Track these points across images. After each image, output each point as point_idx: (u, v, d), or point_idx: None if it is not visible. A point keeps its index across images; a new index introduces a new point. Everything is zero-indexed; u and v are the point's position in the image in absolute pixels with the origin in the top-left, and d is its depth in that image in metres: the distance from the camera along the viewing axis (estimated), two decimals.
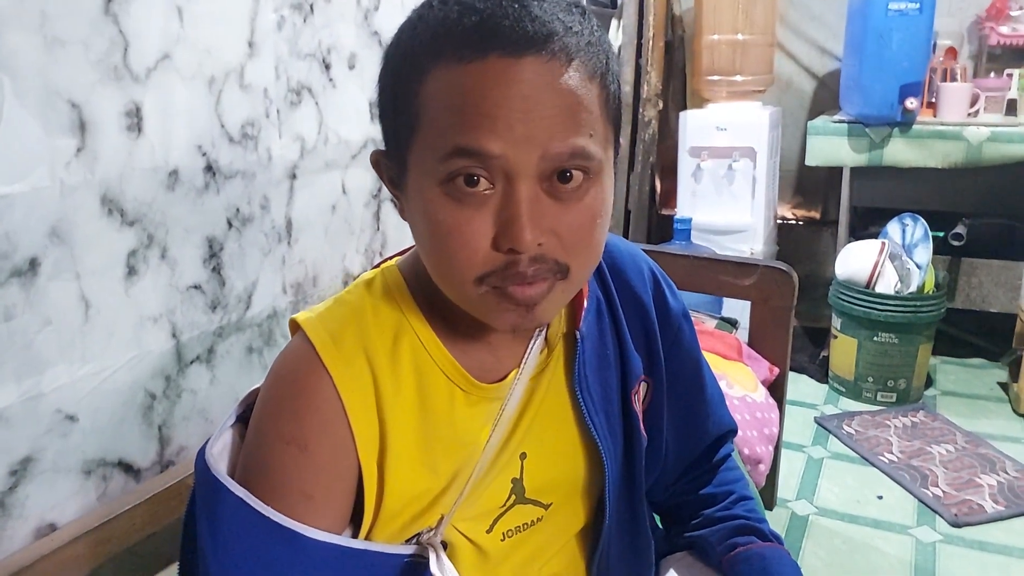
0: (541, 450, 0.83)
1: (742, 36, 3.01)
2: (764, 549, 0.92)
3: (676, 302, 0.94)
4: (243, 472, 0.74)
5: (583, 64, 0.66)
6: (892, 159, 2.76)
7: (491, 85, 0.63)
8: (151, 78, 1.11)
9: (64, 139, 1.01)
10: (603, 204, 0.70)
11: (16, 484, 0.99)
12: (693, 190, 3.06)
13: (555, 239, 0.67)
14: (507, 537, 0.83)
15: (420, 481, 0.76)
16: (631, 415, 0.88)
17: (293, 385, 0.74)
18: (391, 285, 0.79)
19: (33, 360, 0.99)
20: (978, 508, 2.15)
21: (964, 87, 2.77)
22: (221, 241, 1.26)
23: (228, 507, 0.70)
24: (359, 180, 1.59)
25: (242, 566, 0.70)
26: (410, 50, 0.68)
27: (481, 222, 0.66)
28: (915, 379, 2.78)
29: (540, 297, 0.69)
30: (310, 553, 0.70)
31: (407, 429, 0.75)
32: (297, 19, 1.38)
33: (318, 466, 0.72)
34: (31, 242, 0.98)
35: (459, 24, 0.64)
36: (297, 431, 0.72)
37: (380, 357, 0.75)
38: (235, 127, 1.27)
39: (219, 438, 0.77)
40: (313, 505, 0.72)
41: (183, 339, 1.21)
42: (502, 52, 0.63)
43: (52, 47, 0.98)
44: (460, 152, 0.64)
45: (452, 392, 0.78)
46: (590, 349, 0.85)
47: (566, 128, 0.65)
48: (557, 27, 0.64)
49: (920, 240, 2.75)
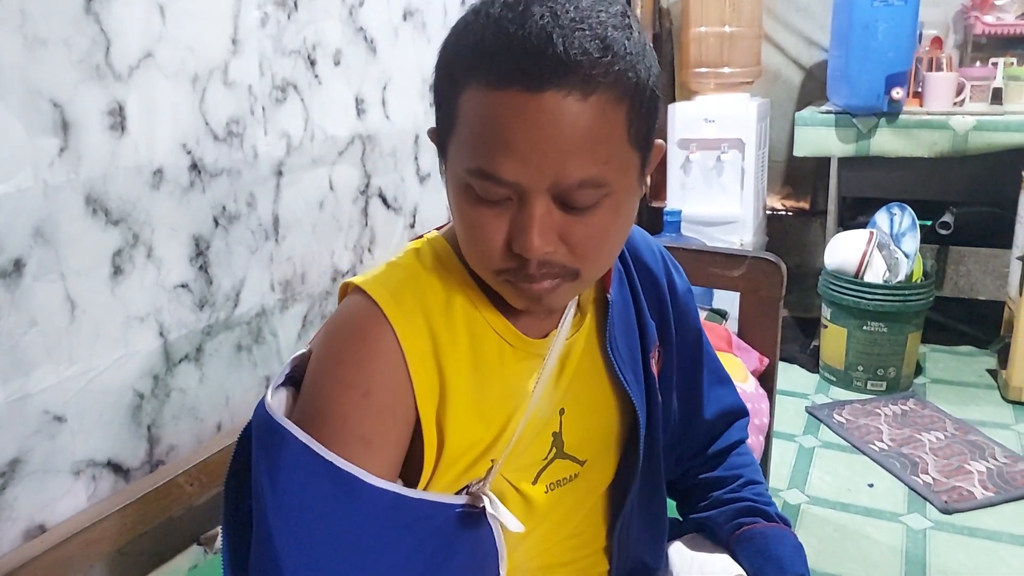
0: (578, 406, 0.87)
1: (729, 28, 3.01)
2: (767, 529, 0.96)
3: (682, 281, 1.00)
4: (301, 418, 0.75)
5: (608, 92, 0.67)
6: (879, 149, 2.77)
7: (510, 116, 0.66)
8: (134, 77, 1.11)
9: (47, 139, 1.00)
10: (617, 217, 0.73)
11: (4, 486, 0.99)
12: (682, 182, 3.06)
13: (565, 248, 0.72)
14: (550, 489, 0.86)
15: (475, 431, 0.79)
16: (650, 376, 0.92)
17: (355, 333, 0.77)
18: (439, 251, 0.83)
19: (19, 361, 0.99)
20: (968, 495, 2.17)
21: (950, 76, 2.78)
22: (208, 239, 1.26)
23: (289, 452, 0.72)
24: (346, 176, 1.59)
25: (301, 511, 0.71)
26: (454, 58, 0.71)
27: (498, 224, 0.71)
28: (905, 367, 2.79)
29: (546, 293, 0.74)
30: (368, 500, 0.72)
31: (463, 381, 0.79)
32: (281, 16, 1.37)
33: (379, 411, 0.75)
34: (15, 243, 0.97)
35: (490, 49, 0.66)
36: (360, 376, 0.74)
37: (436, 315, 0.78)
38: (220, 125, 1.26)
39: (275, 394, 0.79)
40: (371, 450, 0.74)
41: (171, 338, 1.21)
42: (521, 87, 0.65)
43: (33, 47, 0.98)
44: (479, 172, 0.68)
45: (501, 347, 0.82)
46: (618, 313, 0.89)
47: (578, 160, 0.67)
48: (582, 59, 0.65)
49: (908, 229, 2.76)
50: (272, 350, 1.43)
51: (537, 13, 0.65)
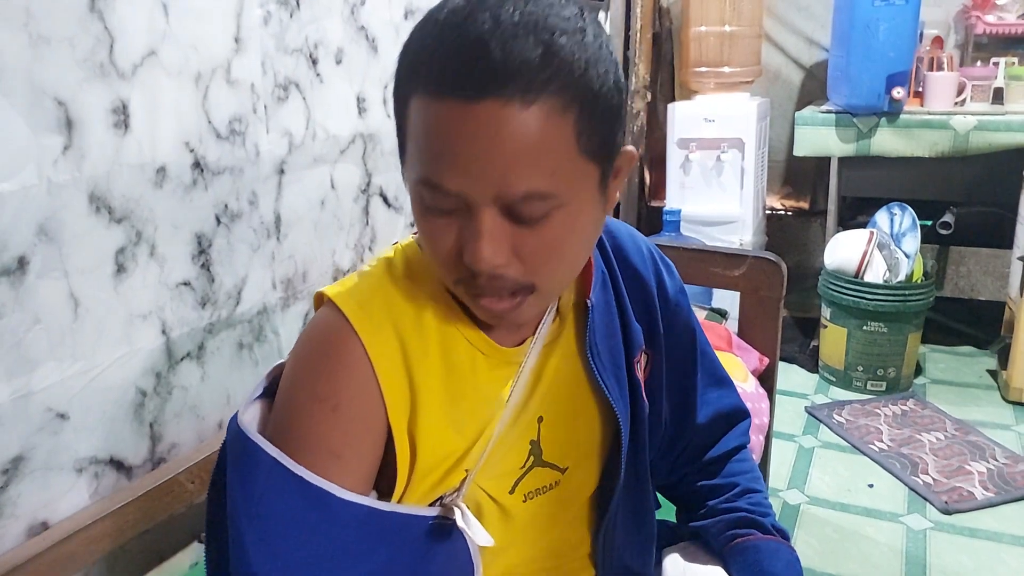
0: (557, 413, 0.86)
1: (729, 28, 3.01)
2: (760, 541, 0.93)
3: (673, 280, 0.97)
4: (273, 433, 0.75)
5: (551, 100, 0.64)
6: (880, 149, 2.77)
7: (449, 126, 0.64)
8: (137, 75, 1.11)
9: (51, 137, 1.00)
10: (573, 230, 0.71)
11: (8, 483, 0.99)
12: (682, 182, 3.06)
13: (517, 261, 0.70)
14: (528, 499, 0.85)
15: (448, 441, 0.79)
16: (635, 382, 0.91)
17: (325, 347, 0.76)
18: (411, 259, 0.82)
19: (23, 359, 0.99)
20: (968, 495, 2.17)
21: (951, 76, 2.78)
22: (210, 237, 1.26)
23: (262, 467, 0.72)
24: (348, 175, 1.59)
25: (274, 525, 0.72)
26: (401, 68, 0.70)
27: (449, 233, 0.70)
28: (904, 367, 2.80)
29: (508, 311, 0.74)
30: (340, 514, 0.72)
31: (435, 392, 0.78)
32: (283, 14, 1.37)
33: (348, 426, 0.75)
34: (19, 240, 0.97)
35: (431, 57, 0.65)
36: (329, 390, 0.74)
37: (406, 325, 0.78)
38: (222, 123, 1.26)
39: (248, 408, 0.79)
40: (341, 464, 0.74)
41: (173, 336, 1.21)
42: (459, 96, 0.63)
43: (37, 45, 0.98)
44: (425, 182, 0.68)
45: (474, 356, 0.81)
46: (599, 318, 0.88)
47: (520, 171, 0.65)
48: (521, 67, 0.62)
49: (908, 229, 2.76)
50: (274, 348, 1.43)
51: (480, 19, 0.63)
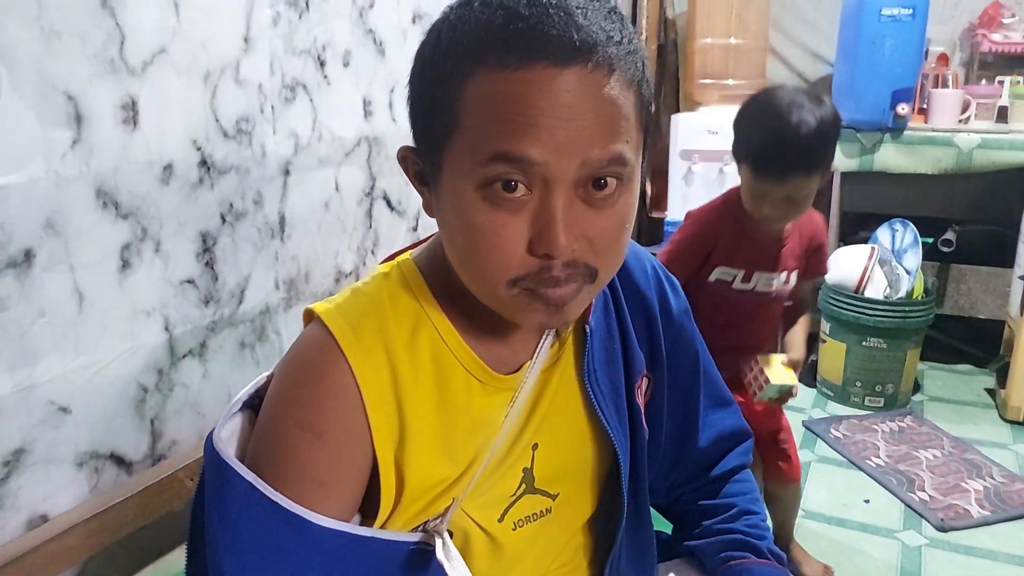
0: (552, 440, 0.84)
1: (735, 40, 3.02)
2: (754, 566, 0.92)
3: (678, 300, 0.95)
4: (254, 456, 0.74)
5: (623, 73, 0.67)
6: (883, 164, 2.78)
7: (537, 94, 0.64)
8: (147, 72, 1.12)
9: (60, 131, 1.01)
10: (632, 210, 0.72)
11: (9, 475, 0.99)
12: (684, 193, 3.07)
13: (587, 244, 0.69)
14: (518, 527, 0.83)
15: (440, 469, 0.77)
16: (634, 408, 0.89)
17: (311, 371, 0.74)
18: (408, 277, 0.80)
19: (26, 351, 1.00)
20: (964, 513, 2.17)
21: (955, 94, 2.79)
22: (214, 236, 1.26)
23: (237, 491, 0.71)
24: (352, 178, 1.60)
25: (250, 550, 0.70)
26: (450, 51, 0.67)
27: (517, 227, 0.67)
28: (903, 384, 2.80)
29: (570, 297, 0.71)
30: (318, 539, 0.71)
31: (426, 418, 0.76)
32: (292, 15, 1.38)
33: (332, 454, 0.73)
34: (26, 233, 0.98)
35: (505, 30, 0.64)
36: (313, 417, 0.72)
37: (398, 347, 0.76)
38: (230, 122, 1.27)
39: (227, 422, 0.77)
40: (325, 492, 0.72)
41: (176, 333, 1.21)
42: (549, 62, 0.63)
43: (49, 39, 0.98)
44: (501, 158, 0.65)
45: (469, 382, 0.79)
46: (598, 343, 0.86)
47: (605, 136, 0.66)
48: (600, 37, 0.65)
49: (910, 246, 2.76)
50: (275, 348, 1.43)
51: None
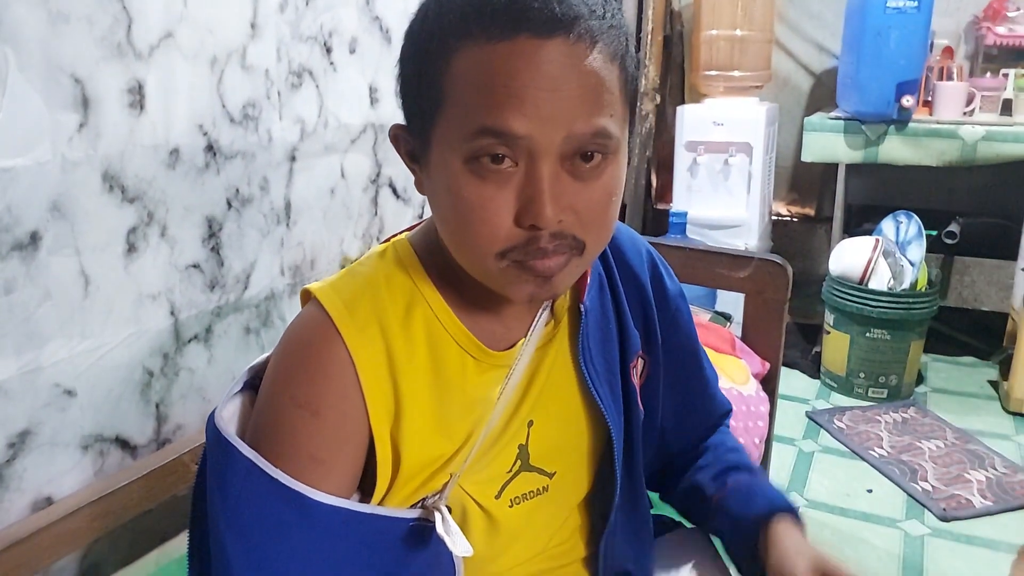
0: (547, 418, 0.85)
1: (740, 32, 3.01)
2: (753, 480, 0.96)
3: (673, 283, 0.96)
4: (253, 435, 0.75)
5: (606, 46, 0.67)
6: (887, 157, 2.77)
7: (520, 66, 0.64)
8: (154, 56, 1.12)
9: (67, 114, 1.01)
10: (619, 182, 0.72)
11: (14, 456, 1.00)
12: (689, 184, 3.07)
13: (574, 216, 0.69)
14: (515, 504, 0.84)
15: (435, 445, 0.78)
16: (630, 388, 0.90)
17: (307, 350, 0.75)
18: (403, 257, 0.81)
19: (32, 334, 1.00)
20: (966, 503, 2.17)
21: (960, 86, 2.78)
22: (220, 221, 1.26)
23: (238, 469, 0.72)
24: (358, 165, 1.60)
25: (251, 528, 0.71)
26: (437, 28, 0.68)
27: (504, 199, 0.68)
28: (906, 375, 2.80)
29: (558, 269, 0.71)
30: (318, 516, 0.72)
31: (421, 395, 0.77)
32: (299, 2, 1.38)
33: (329, 431, 0.74)
34: (33, 216, 0.98)
35: (488, 4, 0.65)
36: (310, 395, 0.73)
37: (393, 326, 0.76)
38: (236, 107, 1.27)
39: (228, 403, 0.78)
40: (323, 469, 0.73)
41: (181, 317, 1.22)
42: (531, 33, 0.64)
43: (56, 22, 0.98)
44: (486, 131, 0.66)
45: (463, 359, 0.79)
46: (593, 322, 0.87)
47: (590, 109, 0.66)
48: (582, 10, 0.65)
49: (914, 238, 2.76)
50: (280, 334, 1.43)
51: None
